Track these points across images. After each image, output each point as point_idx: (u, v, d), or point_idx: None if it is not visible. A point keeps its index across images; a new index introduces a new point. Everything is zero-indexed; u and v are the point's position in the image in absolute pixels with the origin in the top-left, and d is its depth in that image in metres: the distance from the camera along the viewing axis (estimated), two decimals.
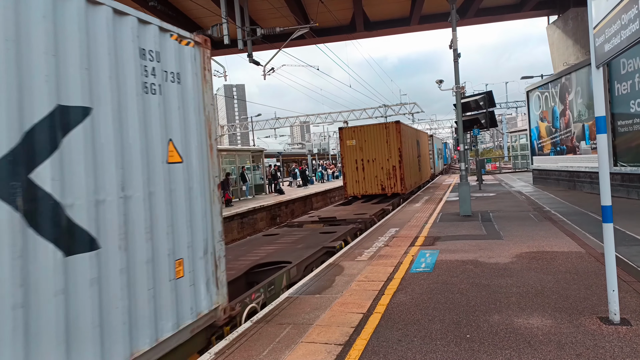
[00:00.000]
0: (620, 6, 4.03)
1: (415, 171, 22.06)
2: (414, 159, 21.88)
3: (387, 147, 18.24)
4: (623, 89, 14.00)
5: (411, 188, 20.61)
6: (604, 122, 4.56)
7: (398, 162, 18.20)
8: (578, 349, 4.02)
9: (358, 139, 18.55)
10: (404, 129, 19.29)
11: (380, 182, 18.79)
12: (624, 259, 6.89)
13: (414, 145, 22.41)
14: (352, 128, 19.18)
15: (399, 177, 18.37)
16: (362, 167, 18.66)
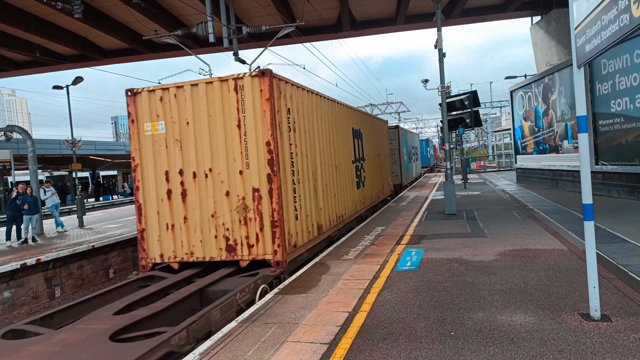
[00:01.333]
0: (600, 7, 4.09)
1: (341, 195, 11.68)
2: (332, 168, 11.06)
3: (242, 141, 7.94)
4: (604, 89, 14.24)
5: (314, 240, 9.55)
6: (585, 122, 4.63)
7: (268, 179, 7.80)
8: (560, 345, 4.08)
9: (175, 118, 8.18)
10: (294, 95, 8.98)
11: (223, 228, 8.07)
12: (604, 256, 7.01)
13: (341, 137, 12.23)
14: (158, 89, 8.35)
15: (267, 217, 7.83)
16: (183, 192, 8.15)
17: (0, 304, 9.54)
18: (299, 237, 8.59)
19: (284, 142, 8.20)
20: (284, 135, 8.23)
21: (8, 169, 22.57)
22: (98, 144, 37.64)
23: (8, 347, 5.29)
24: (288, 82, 8.55)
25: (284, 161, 8.09)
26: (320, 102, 10.50)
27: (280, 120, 8.04)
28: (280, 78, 8.27)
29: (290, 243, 8.14)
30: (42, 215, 15.13)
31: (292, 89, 8.73)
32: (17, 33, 18.22)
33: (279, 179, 7.78)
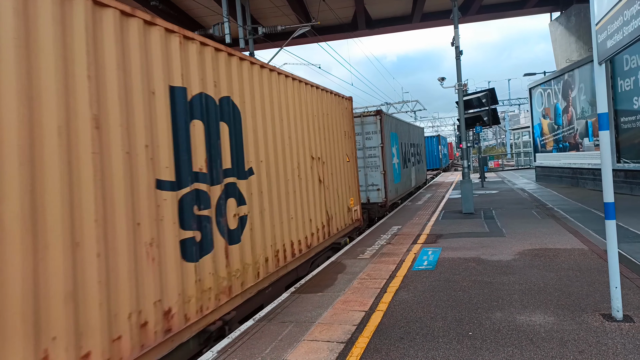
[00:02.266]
0: (622, 2, 4.01)
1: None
2: None
3: None
4: (626, 85, 13.93)
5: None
6: (606, 119, 4.55)
7: None
8: (581, 345, 4.02)
9: None
10: None
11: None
12: (626, 256, 6.88)
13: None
14: None
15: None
16: None
17: None
18: None
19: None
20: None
21: None
22: None
23: None
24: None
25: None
26: None
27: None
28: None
29: None
30: None
31: None
32: None
33: None
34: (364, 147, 13.88)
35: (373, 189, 14.03)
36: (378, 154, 13.97)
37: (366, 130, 13.92)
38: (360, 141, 13.89)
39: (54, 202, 3.24)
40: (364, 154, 13.97)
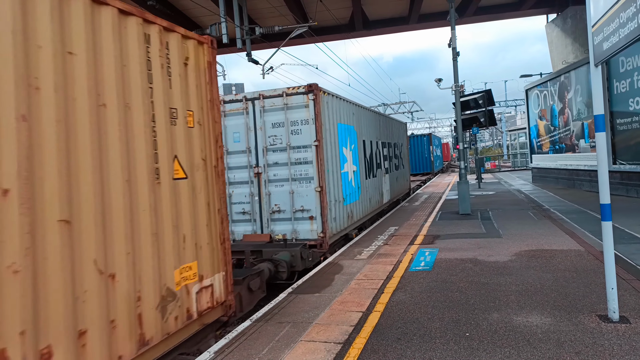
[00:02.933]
0: (618, 4, 4.03)
1: None
2: None
3: None
4: (622, 87, 14.00)
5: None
6: (602, 121, 4.57)
7: None
8: (577, 346, 4.03)
9: None
10: None
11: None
12: (623, 257, 6.90)
13: None
14: None
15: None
16: None
17: None
18: None
19: None
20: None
21: None
22: None
23: None
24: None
25: None
26: None
27: None
28: None
29: None
30: None
31: None
32: None
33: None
34: (288, 146, 8.99)
35: (302, 217, 8.97)
36: (311, 158, 8.85)
37: (292, 119, 8.96)
38: (283, 136, 9.02)
39: None
40: (289, 159, 9.00)
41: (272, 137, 9.06)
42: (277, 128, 9.05)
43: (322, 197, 8.82)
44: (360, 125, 12.16)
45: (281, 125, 9.00)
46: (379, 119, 15.04)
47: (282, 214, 9.09)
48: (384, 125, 15.47)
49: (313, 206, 8.83)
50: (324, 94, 9.21)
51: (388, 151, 15.77)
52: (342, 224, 10.01)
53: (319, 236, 8.81)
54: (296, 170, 8.97)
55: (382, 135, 15.04)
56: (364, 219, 12.09)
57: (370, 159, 12.95)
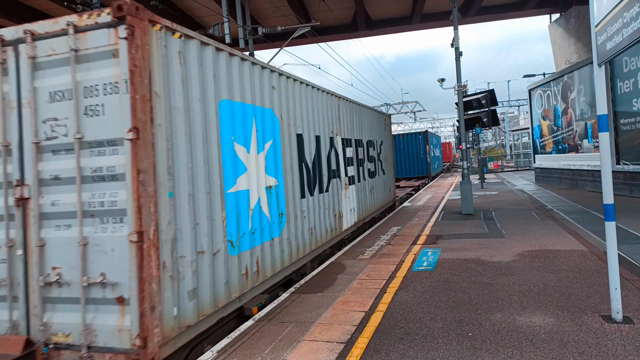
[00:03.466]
0: (622, 4, 4.02)
1: None
2: None
3: None
4: (625, 87, 13.96)
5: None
6: (606, 121, 4.56)
7: None
8: (580, 347, 4.02)
9: None
10: None
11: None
12: (626, 257, 6.88)
13: None
14: None
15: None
16: None
17: None
18: None
19: None
20: None
21: None
22: None
23: None
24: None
25: None
26: None
27: None
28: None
29: None
30: None
31: None
32: None
33: None
34: (78, 141, 4.16)
35: (104, 298, 4.06)
36: (122, 167, 4.00)
37: (87, 83, 4.18)
38: (70, 120, 4.20)
39: None
40: (78, 168, 4.15)
41: (50, 122, 4.26)
42: (60, 102, 4.23)
43: (144, 254, 3.91)
44: (294, 110, 7.56)
45: (66, 95, 4.20)
46: (340, 105, 10.12)
47: (66, 290, 4.16)
48: (348, 114, 10.70)
49: (124, 275, 3.96)
50: (162, 30, 4.31)
51: (356, 152, 11.31)
52: (213, 302, 4.85)
53: (133, 344, 3.88)
54: (95, 193, 4.13)
55: (345, 129, 10.40)
56: (295, 267, 7.18)
57: (317, 165, 8.43)
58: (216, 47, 5.25)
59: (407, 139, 28.19)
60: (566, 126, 18.52)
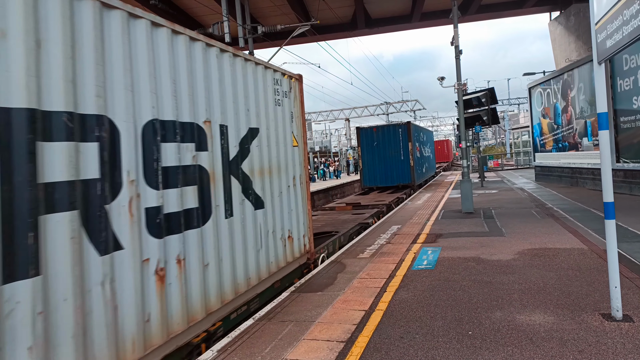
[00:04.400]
0: (621, 2, 4.02)
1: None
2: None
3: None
4: (625, 85, 13.94)
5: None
6: (606, 119, 4.55)
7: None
8: (580, 345, 4.02)
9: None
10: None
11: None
12: (626, 256, 6.88)
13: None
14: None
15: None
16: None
17: None
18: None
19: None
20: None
21: None
22: None
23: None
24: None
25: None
26: None
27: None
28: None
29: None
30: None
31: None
32: None
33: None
34: None
35: None
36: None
37: None
38: None
39: None
40: None
41: None
42: None
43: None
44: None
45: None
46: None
47: None
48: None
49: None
50: None
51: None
52: None
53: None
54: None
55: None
56: None
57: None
58: None
59: (382, 134, 21.02)
60: (566, 124, 18.51)
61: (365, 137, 21.09)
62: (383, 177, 21.04)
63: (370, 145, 20.98)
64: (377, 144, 20.93)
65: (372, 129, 21.17)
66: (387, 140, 20.85)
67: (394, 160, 20.75)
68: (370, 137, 21.05)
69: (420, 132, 25.39)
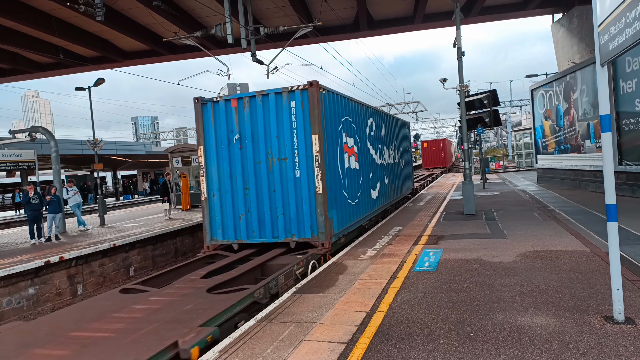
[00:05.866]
0: (624, 4, 4.01)
1: None
2: None
3: None
4: (628, 87, 13.92)
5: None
6: (608, 121, 4.55)
7: None
8: (582, 347, 4.01)
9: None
10: None
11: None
12: (628, 258, 6.87)
13: None
14: None
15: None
16: None
17: (25, 300, 9.79)
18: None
19: None
20: None
21: (32, 169, 22.96)
22: (119, 144, 38.25)
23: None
24: None
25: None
26: None
27: None
28: None
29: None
30: (64, 214, 15.51)
31: None
32: (41, 36, 18.68)
33: None
34: None
35: None
36: None
37: None
38: None
39: None
40: None
41: None
42: None
43: None
44: None
45: None
46: None
47: None
48: None
49: None
50: None
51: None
52: None
53: None
54: None
55: None
56: None
57: None
58: None
59: (254, 112, 9.50)
60: (568, 126, 18.48)
61: (214, 122, 9.72)
62: (253, 222, 9.62)
63: (224, 140, 9.68)
64: (242, 137, 9.58)
65: (229, 102, 9.61)
66: (266, 127, 9.41)
67: (281, 177, 9.40)
68: (226, 121, 9.67)
69: (365, 113, 12.62)
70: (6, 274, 9.40)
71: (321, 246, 9.00)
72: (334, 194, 9.65)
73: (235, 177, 9.62)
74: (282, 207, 9.36)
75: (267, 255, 9.01)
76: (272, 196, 9.42)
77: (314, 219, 9.10)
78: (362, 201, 11.65)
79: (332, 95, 9.96)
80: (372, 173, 13.05)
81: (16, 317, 9.46)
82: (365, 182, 12.10)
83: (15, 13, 15.68)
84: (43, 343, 5.07)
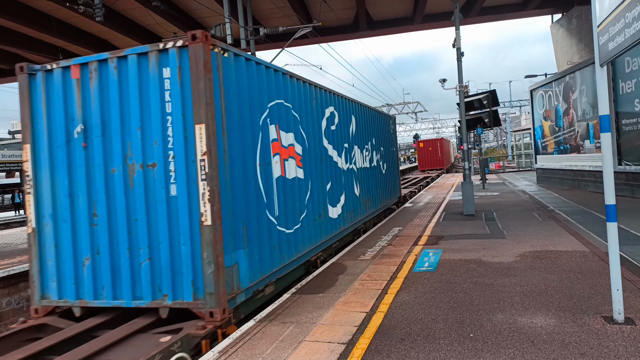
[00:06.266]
0: (624, 4, 4.02)
1: None
2: None
3: None
4: (627, 87, 13.93)
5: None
6: (608, 121, 4.55)
7: None
8: (582, 348, 4.02)
9: None
10: None
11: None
12: (628, 258, 6.87)
13: None
14: None
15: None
16: None
17: (25, 301, 9.70)
18: None
19: None
20: None
21: None
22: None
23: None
24: None
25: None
26: None
27: None
28: None
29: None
30: None
31: None
32: (40, 36, 18.69)
33: None
34: None
35: None
36: None
37: None
38: None
39: None
40: None
41: None
42: None
43: None
44: None
45: None
46: None
47: None
48: None
49: None
50: None
51: None
52: None
53: None
54: None
55: None
56: None
57: None
58: None
59: (104, 91, 5.73)
60: (568, 127, 18.50)
61: (47, 104, 5.97)
62: (103, 272, 5.69)
63: (61, 135, 5.87)
64: (87, 128, 5.79)
65: (69, 71, 5.88)
66: (123, 112, 5.63)
67: (147, 196, 5.52)
68: (64, 102, 5.88)
69: (321, 99, 9.22)
70: (6, 274, 9.32)
71: (209, 317, 5.07)
72: (245, 221, 5.86)
73: (77, 195, 5.76)
74: (147, 248, 5.45)
75: (106, 338, 4.98)
76: (133, 228, 5.51)
77: (197, 269, 5.23)
78: (309, 226, 7.94)
79: (245, 63, 6.30)
80: (332, 183, 9.37)
81: (16, 317, 9.37)
82: (317, 196, 8.44)
83: (15, 14, 15.68)
84: None
